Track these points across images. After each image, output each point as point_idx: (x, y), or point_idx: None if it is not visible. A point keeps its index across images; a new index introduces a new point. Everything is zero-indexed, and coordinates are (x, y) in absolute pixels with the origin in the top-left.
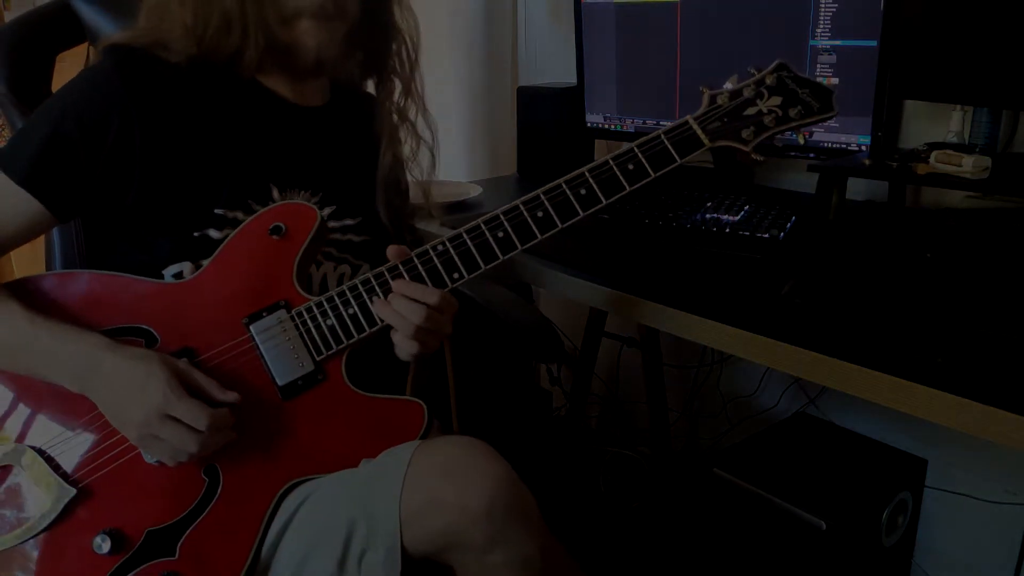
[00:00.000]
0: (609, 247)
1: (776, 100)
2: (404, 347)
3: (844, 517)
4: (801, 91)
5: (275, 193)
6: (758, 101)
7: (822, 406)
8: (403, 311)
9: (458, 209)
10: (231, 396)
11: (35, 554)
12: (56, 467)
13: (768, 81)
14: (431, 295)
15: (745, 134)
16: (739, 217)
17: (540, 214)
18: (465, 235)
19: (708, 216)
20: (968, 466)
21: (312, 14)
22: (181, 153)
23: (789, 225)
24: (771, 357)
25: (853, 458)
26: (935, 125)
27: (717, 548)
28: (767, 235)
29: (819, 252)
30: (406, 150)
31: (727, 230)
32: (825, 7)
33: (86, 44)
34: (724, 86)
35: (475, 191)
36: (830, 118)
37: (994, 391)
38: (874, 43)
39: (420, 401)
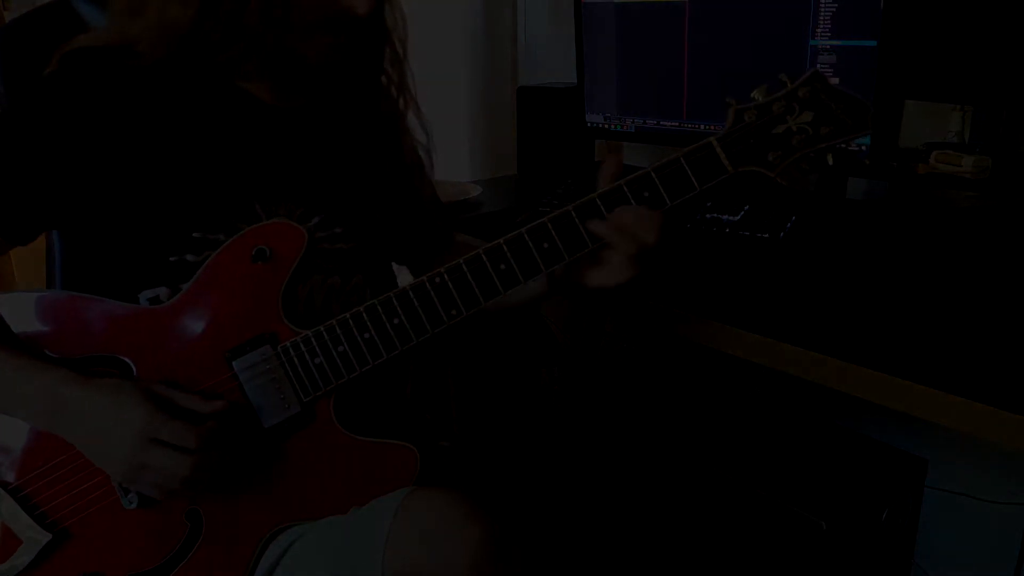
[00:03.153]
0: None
1: (807, 116)
2: (619, 270)
3: (844, 517)
4: (835, 106)
5: (258, 209)
6: (788, 117)
7: (822, 406)
8: (634, 226)
9: (458, 209)
10: (216, 404)
11: None
12: (31, 508)
13: (800, 94)
14: (650, 233)
15: (772, 157)
16: (739, 217)
17: (546, 245)
18: (464, 266)
19: (708, 216)
20: (968, 466)
21: (334, 30)
22: (149, 172)
23: (789, 225)
24: (771, 357)
25: (853, 458)
26: (935, 125)
27: (717, 548)
28: (767, 235)
29: (819, 252)
30: None
31: (727, 230)
32: (825, 7)
33: None
34: (752, 96)
35: (475, 191)
36: (861, 135)
37: (994, 391)
38: (874, 43)
39: (412, 446)
